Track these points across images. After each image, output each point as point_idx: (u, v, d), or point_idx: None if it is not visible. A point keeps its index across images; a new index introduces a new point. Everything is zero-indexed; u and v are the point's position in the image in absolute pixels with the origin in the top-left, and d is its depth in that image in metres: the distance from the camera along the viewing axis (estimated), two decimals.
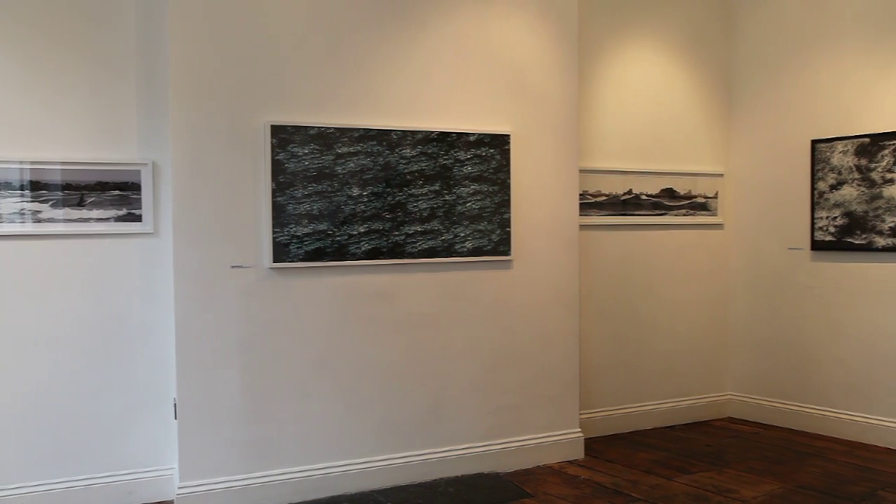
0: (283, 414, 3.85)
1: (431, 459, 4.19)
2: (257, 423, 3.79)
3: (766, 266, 5.44)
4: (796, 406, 5.28)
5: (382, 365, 4.08)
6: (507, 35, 4.38)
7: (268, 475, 3.81)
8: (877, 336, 4.85)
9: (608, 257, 5.12)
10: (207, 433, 3.70)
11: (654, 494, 3.98)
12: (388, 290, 4.08)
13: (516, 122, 4.40)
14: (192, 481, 3.66)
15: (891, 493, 3.96)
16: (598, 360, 5.09)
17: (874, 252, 4.83)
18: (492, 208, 4.29)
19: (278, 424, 3.84)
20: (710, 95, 5.54)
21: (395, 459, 4.11)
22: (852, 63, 4.94)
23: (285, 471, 3.85)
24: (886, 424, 4.80)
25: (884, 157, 4.76)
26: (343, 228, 3.93)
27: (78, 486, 3.72)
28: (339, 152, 3.90)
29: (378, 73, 4.04)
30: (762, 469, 4.39)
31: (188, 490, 3.64)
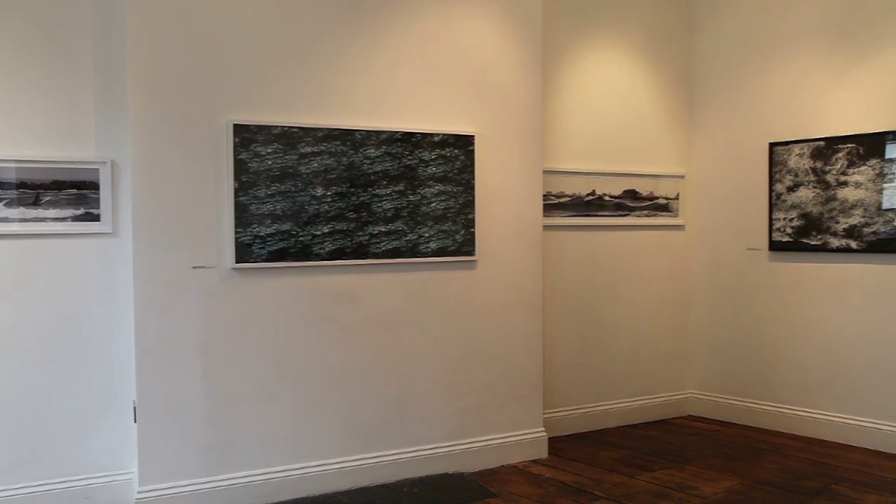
0: (246, 416, 3.81)
1: (396, 460, 4.18)
2: (219, 425, 3.75)
3: (725, 266, 5.54)
4: (755, 404, 5.38)
5: (346, 366, 4.06)
6: (471, 36, 4.39)
7: (229, 478, 3.76)
8: (831, 335, 4.97)
9: (572, 258, 5.17)
10: (167, 436, 3.64)
11: (617, 492, 4.03)
12: (353, 291, 4.06)
13: (481, 122, 4.42)
14: (151, 485, 3.60)
15: (844, 487, 4.06)
16: (561, 360, 5.13)
17: (829, 252, 4.95)
18: (456, 209, 4.30)
19: (240, 426, 3.80)
20: (671, 98, 5.62)
21: (359, 461, 4.09)
22: (808, 68, 5.06)
23: (247, 473, 3.81)
24: (841, 421, 4.92)
25: (838, 160, 4.88)
26: (307, 229, 3.90)
27: (36, 491, 3.63)
28: (302, 152, 3.87)
29: (343, 72, 4.02)
30: (722, 466, 4.47)
31: (147, 494, 3.58)
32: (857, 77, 4.83)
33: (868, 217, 4.75)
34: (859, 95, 4.82)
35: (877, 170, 4.70)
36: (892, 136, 4.63)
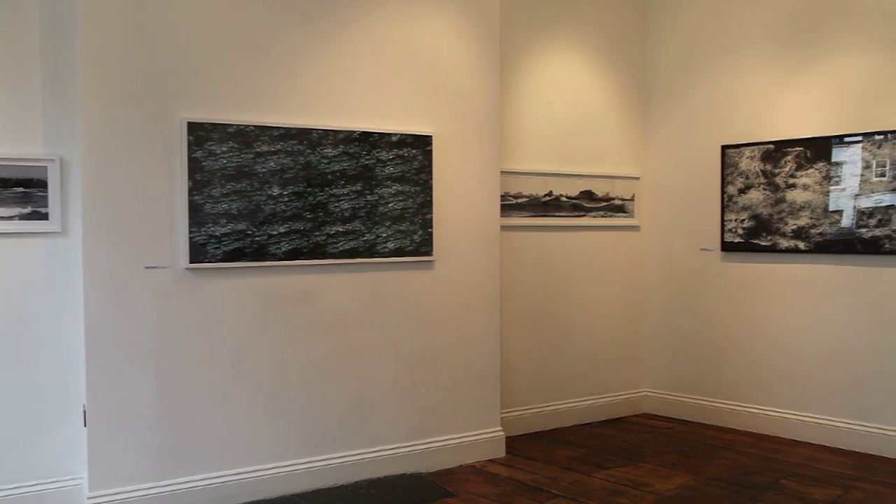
0: (200, 418, 3.75)
1: (353, 461, 4.16)
2: (172, 427, 3.68)
3: (679, 266, 5.64)
4: (707, 401, 5.48)
5: (303, 366, 4.03)
6: (429, 36, 4.39)
7: (183, 481, 3.70)
8: (781, 333, 5.09)
9: (529, 258, 5.21)
10: (119, 440, 3.57)
11: (573, 490, 4.07)
12: (309, 291, 4.03)
13: (438, 123, 4.43)
14: (102, 490, 3.52)
15: (792, 482, 4.17)
16: (519, 360, 5.17)
17: (778, 253, 5.07)
18: (414, 209, 4.30)
19: (195, 429, 3.74)
20: (627, 100, 5.70)
21: (316, 462, 4.06)
22: (759, 72, 5.18)
23: (202, 476, 3.75)
24: (790, 417, 5.05)
25: (787, 163, 5.01)
26: (263, 228, 3.86)
27: None
28: (258, 151, 3.83)
29: (299, 71, 3.99)
30: (675, 463, 4.54)
31: (98, 499, 3.51)
32: (804, 82, 4.96)
33: (815, 219, 4.88)
34: (807, 100, 4.95)
35: (823, 173, 4.84)
36: (839, 139, 4.77)
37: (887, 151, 4.57)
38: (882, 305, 4.64)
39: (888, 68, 4.59)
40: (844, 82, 4.78)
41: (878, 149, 4.61)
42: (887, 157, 4.57)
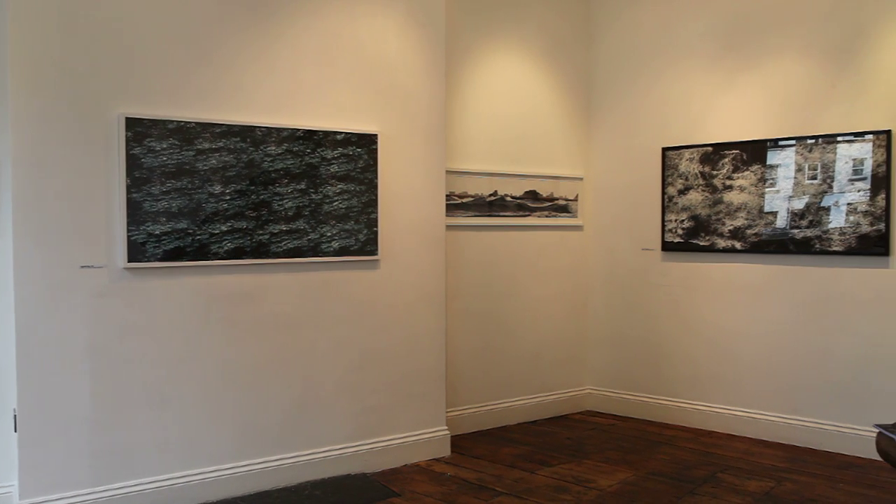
0: (138, 421, 3.66)
1: (297, 463, 4.12)
2: (109, 432, 3.58)
3: (621, 266, 5.74)
4: (649, 398, 5.60)
5: (246, 367, 3.97)
6: (375, 35, 4.38)
7: (121, 487, 3.61)
8: (718, 331, 5.23)
9: (474, 257, 5.23)
10: (51, 445, 3.45)
11: (518, 488, 4.10)
12: (252, 291, 3.97)
13: (384, 121, 4.41)
14: (33, 498, 3.40)
15: (728, 475, 4.29)
16: (464, 359, 5.19)
17: (716, 253, 5.21)
18: (359, 208, 4.28)
19: (132, 432, 3.65)
20: (570, 102, 5.78)
21: (259, 464, 4.01)
22: (698, 76, 5.31)
23: (140, 481, 3.66)
24: (727, 412, 5.19)
25: (724, 165, 5.15)
26: (204, 227, 3.79)
27: None
28: (200, 148, 3.76)
29: (243, 68, 3.93)
30: (617, 459, 4.62)
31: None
32: (741, 86, 5.11)
33: (751, 219, 5.02)
34: (744, 104, 5.10)
35: (759, 175, 4.99)
36: (773, 143, 4.92)
37: (818, 155, 4.74)
38: (812, 303, 4.81)
39: (819, 75, 4.76)
40: (779, 88, 4.93)
41: (809, 152, 4.78)
42: (818, 161, 4.74)
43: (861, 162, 4.58)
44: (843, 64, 4.67)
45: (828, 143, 4.70)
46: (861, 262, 4.61)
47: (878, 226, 4.52)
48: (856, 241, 4.61)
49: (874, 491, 4.03)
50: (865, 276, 4.60)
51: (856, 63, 4.63)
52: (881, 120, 4.53)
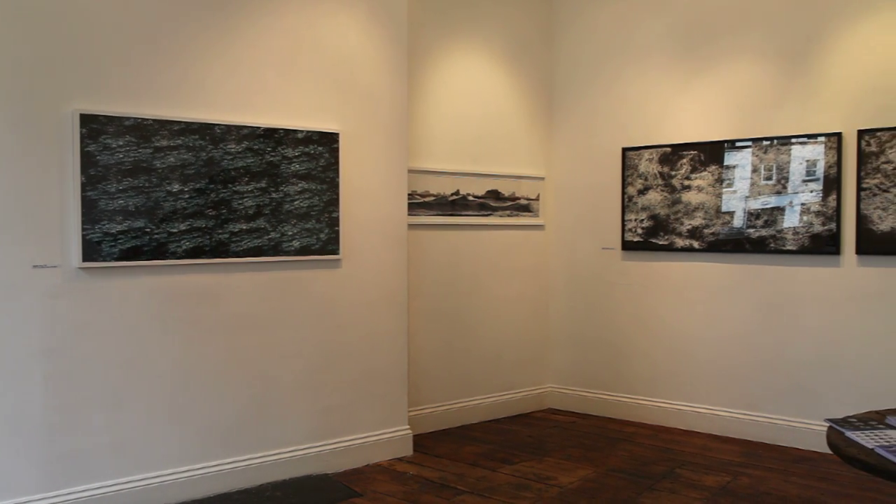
0: (94, 424, 3.59)
1: (257, 464, 4.08)
2: (63, 435, 3.50)
3: (582, 265, 5.80)
4: (609, 395, 5.66)
5: (205, 368, 3.91)
6: (336, 33, 4.35)
7: (76, 491, 3.53)
8: (676, 329, 5.32)
9: (436, 256, 5.24)
10: (4, 450, 3.36)
11: (480, 486, 4.12)
12: (211, 291, 3.92)
13: (346, 120, 4.39)
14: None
15: (686, 470, 4.36)
16: (426, 358, 5.19)
17: (675, 252, 5.29)
18: (320, 207, 4.25)
19: (88, 435, 3.57)
20: (532, 102, 5.81)
21: (218, 466, 3.96)
22: (657, 78, 5.39)
23: (97, 485, 3.59)
24: (685, 409, 5.28)
25: (682, 166, 5.23)
26: (162, 226, 3.73)
27: None
28: (157, 146, 3.70)
29: (202, 64, 3.87)
30: (578, 456, 4.67)
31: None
32: (699, 88, 5.19)
33: (708, 219, 5.12)
34: (701, 105, 5.19)
35: (716, 175, 5.08)
36: (730, 144, 5.02)
37: (773, 156, 4.84)
38: (767, 302, 4.91)
39: (773, 79, 4.87)
40: (735, 89, 5.03)
41: (764, 154, 4.88)
42: (773, 162, 4.84)
43: (814, 163, 4.70)
44: (797, 67, 4.78)
45: (782, 144, 4.81)
46: (813, 261, 4.73)
47: (829, 226, 4.64)
48: (808, 241, 4.72)
49: (825, 483, 4.13)
50: (818, 275, 4.72)
51: (808, 66, 4.74)
52: (832, 122, 4.65)
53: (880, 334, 4.51)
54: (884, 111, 4.47)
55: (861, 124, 4.54)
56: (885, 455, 2.47)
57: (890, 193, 4.43)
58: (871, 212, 4.49)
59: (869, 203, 4.50)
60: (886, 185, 4.44)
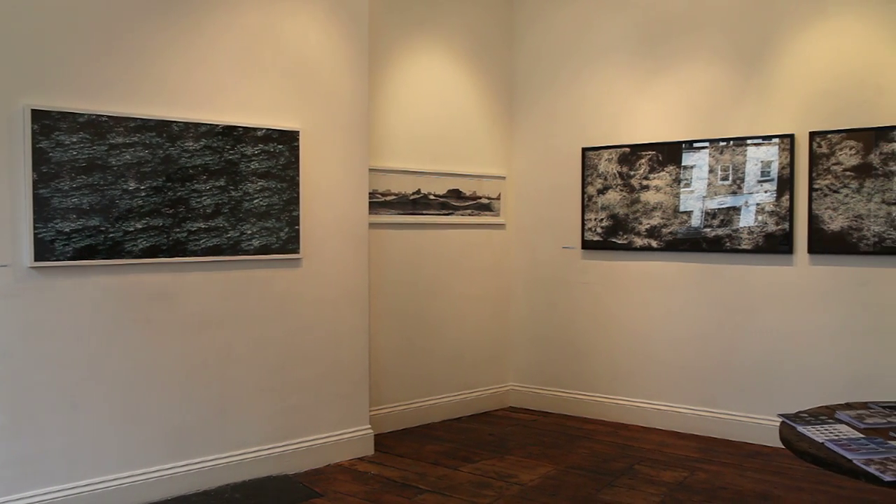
0: (48, 427, 3.50)
1: (217, 465, 4.03)
2: (16, 439, 3.42)
3: (543, 264, 5.84)
4: (569, 393, 5.72)
5: (162, 369, 3.85)
6: (296, 31, 4.31)
7: (28, 497, 3.44)
8: (635, 327, 5.39)
9: (397, 256, 5.23)
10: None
11: (441, 485, 4.13)
12: (169, 290, 3.86)
13: (306, 118, 4.36)
14: None
15: (644, 467, 4.42)
16: (387, 357, 5.18)
17: (634, 251, 5.36)
18: (280, 205, 4.21)
19: (42, 439, 3.49)
20: (493, 102, 5.84)
21: (177, 468, 3.90)
22: (616, 79, 5.45)
23: (51, 490, 3.51)
24: (644, 406, 5.35)
25: (641, 166, 5.30)
26: (118, 224, 3.66)
27: None
28: (113, 143, 3.62)
29: (158, 60, 3.80)
30: (538, 453, 4.71)
31: None
32: (658, 90, 5.27)
33: (666, 219, 5.19)
34: (660, 106, 5.26)
35: (674, 175, 5.16)
36: (688, 145, 5.10)
37: (728, 157, 4.94)
38: (724, 300, 5.01)
39: (729, 81, 4.96)
40: (693, 91, 5.12)
41: (721, 154, 4.97)
42: (729, 163, 4.94)
43: (768, 164, 4.80)
44: (752, 69, 4.88)
45: (738, 145, 4.90)
46: (768, 259, 4.83)
47: (782, 225, 4.74)
48: (763, 240, 4.82)
49: (778, 477, 4.23)
50: (771, 274, 4.82)
51: (763, 69, 4.84)
52: (786, 124, 4.75)
53: (831, 332, 4.63)
54: (835, 114, 4.59)
55: (813, 126, 4.66)
56: (835, 449, 2.53)
57: (840, 194, 4.55)
58: (823, 212, 4.61)
59: (820, 203, 4.61)
60: (837, 185, 4.56)
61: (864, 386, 4.44)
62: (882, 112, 4.45)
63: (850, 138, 4.52)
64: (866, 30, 4.51)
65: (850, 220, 4.52)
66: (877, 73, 4.47)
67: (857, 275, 4.53)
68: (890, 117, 4.42)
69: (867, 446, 2.53)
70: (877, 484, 2.30)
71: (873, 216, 4.44)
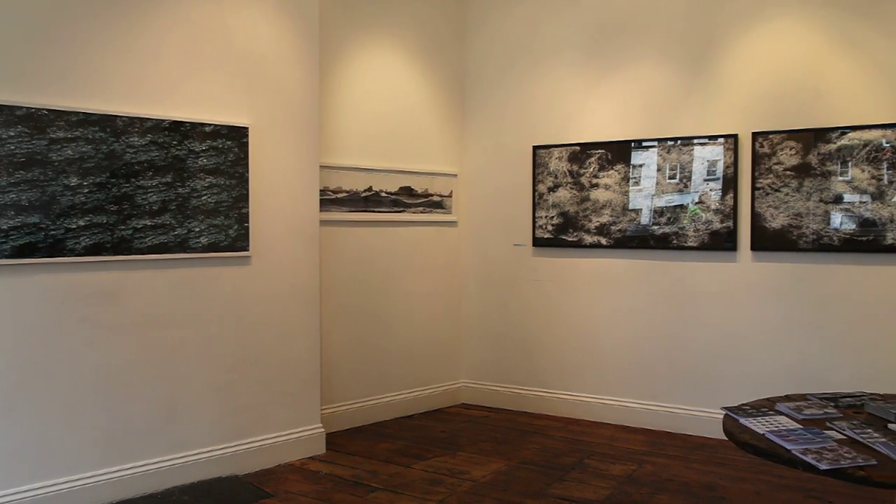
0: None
1: (165, 467, 3.95)
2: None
3: (494, 261, 5.88)
4: (521, 389, 5.76)
5: (107, 370, 3.76)
6: (246, 26, 4.25)
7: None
8: (585, 323, 5.46)
9: (349, 253, 5.20)
10: None
11: (393, 483, 4.12)
12: (114, 289, 3.77)
13: (256, 114, 4.30)
14: None
15: (594, 461, 4.49)
16: (339, 355, 5.15)
17: (584, 248, 5.43)
18: (229, 202, 4.15)
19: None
20: (445, 99, 5.84)
21: (121, 471, 3.81)
22: (567, 78, 5.51)
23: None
24: (593, 401, 5.43)
25: (591, 164, 5.37)
26: (59, 222, 3.56)
27: None
28: (53, 137, 3.52)
29: (104, 54, 3.71)
30: (490, 450, 4.73)
31: None
32: (606, 89, 5.34)
33: (615, 216, 5.27)
34: (609, 106, 5.34)
35: (622, 174, 5.24)
36: (637, 144, 5.19)
37: (675, 156, 5.04)
38: (670, 295, 5.11)
39: (676, 81, 5.06)
40: (641, 92, 5.20)
41: (668, 153, 5.07)
42: (677, 162, 5.04)
43: (714, 163, 4.91)
44: (698, 71, 4.98)
45: (685, 144, 5.00)
46: (713, 256, 4.94)
47: (727, 223, 4.86)
48: (708, 238, 4.93)
49: (722, 468, 4.34)
50: (716, 270, 4.94)
51: (708, 70, 4.95)
52: (730, 124, 4.87)
53: (773, 326, 4.76)
54: (776, 115, 4.72)
55: (756, 127, 4.78)
56: (775, 440, 2.61)
57: (781, 193, 4.68)
58: (765, 210, 4.73)
59: (762, 202, 4.74)
60: (777, 184, 4.69)
61: (804, 378, 4.59)
62: (820, 114, 4.59)
63: (790, 139, 4.65)
64: (806, 35, 4.65)
65: (791, 218, 4.65)
66: (815, 77, 4.61)
67: (798, 271, 4.67)
68: (827, 119, 4.56)
69: (805, 436, 2.61)
70: (813, 472, 2.37)
71: (812, 214, 4.59)
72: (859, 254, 4.49)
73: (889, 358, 4.42)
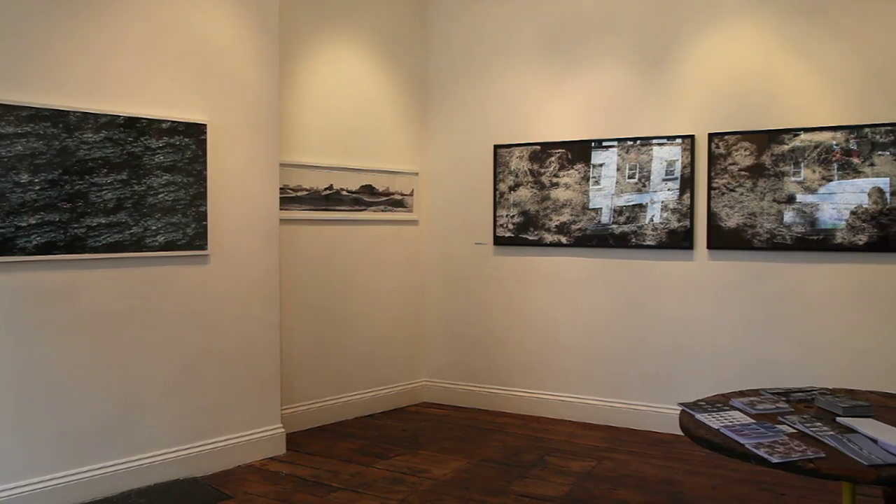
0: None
1: (120, 470, 3.88)
2: None
3: (455, 259, 5.89)
4: (482, 387, 5.78)
5: (61, 371, 3.67)
6: (203, 21, 4.19)
7: None
8: (546, 321, 5.50)
9: (309, 252, 5.16)
10: None
11: (354, 482, 4.11)
12: (66, 289, 3.69)
13: (214, 111, 4.24)
14: None
15: (554, 458, 4.53)
16: (300, 355, 5.11)
17: (544, 247, 5.48)
18: (187, 200, 4.09)
19: None
20: (407, 97, 5.84)
21: (77, 475, 3.73)
22: (528, 78, 5.54)
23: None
24: (553, 398, 5.47)
25: (551, 164, 5.41)
26: (9, 219, 3.47)
27: None
28: (2, 132, 3.43)
29: (58, 48, 3.62)
30: (451, 448, 4.75)
31: None
32: (567, 89, 5.39)
33: (575, 215, 5.32)
34: (570, 106, 5.39)
35: (583, 173, 5.29)
36: (597, 143, 5.24)
37: (635, 156, 5.10)
38: (629, 294, 5.18)
39: (635, 82, 5.13)
40: (601, 92, 5.26)
41: (627, 153, 5.13)
42: (636, 162, 5.10)
43: (672, 163, 4.99)
44: (656, 72, 5.06)
45: (644, 145, 5.07)
46: (670, 255, 5.02)
47: (684, 222, 4.94)
48: (666, 236, 5.01)
49: (680, 463, 4.41)
50: (674, 269, 5.02)
51: (666, 72, 5.03)
52: (687, 125, 4.95)
53: (729, 323, 4.85)
54: (731, 116, 4.81)
55: (711, 128, 4.87)
56: (729, 434, 2.66)
57: (736, 192, 4.77)
58: (720, 209, 4.82)
59: (718, 201, 4.83)
60: (733, 185, 4.78)
61: (759, 373, 4.69)
62: (774, 116, 4.69)
63: (745, 140, 4.74)
64: (760, 38, 4.74)
65: (745, 217, 4.75)
66: (769, 79, 4.71)
67: (753, 269, 4.77)
68: (780, 121, 4.67)
69: (757, 431, 2.67)
70: (766, 465, 2.42)
71: (766, 214, 4.69)
72: (811, 252, 4.60)
73: (839, 353, 4.54)
